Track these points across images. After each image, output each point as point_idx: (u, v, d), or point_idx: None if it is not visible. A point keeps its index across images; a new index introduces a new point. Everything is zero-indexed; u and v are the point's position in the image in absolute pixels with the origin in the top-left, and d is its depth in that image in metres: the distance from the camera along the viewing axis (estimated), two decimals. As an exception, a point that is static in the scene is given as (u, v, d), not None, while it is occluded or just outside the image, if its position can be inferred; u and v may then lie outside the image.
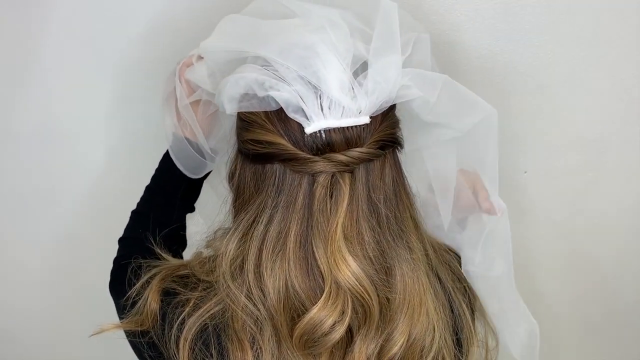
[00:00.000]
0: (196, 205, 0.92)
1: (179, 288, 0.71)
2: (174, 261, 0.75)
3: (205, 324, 0.69)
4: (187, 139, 0.82)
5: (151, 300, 0.70)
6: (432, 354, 0.70)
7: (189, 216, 0.90)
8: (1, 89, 1.02)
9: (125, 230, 0.89)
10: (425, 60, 0.72)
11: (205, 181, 0.92)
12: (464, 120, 0.74)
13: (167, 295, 0.71)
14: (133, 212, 0.90)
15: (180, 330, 0.68)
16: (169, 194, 0.87)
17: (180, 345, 0.68)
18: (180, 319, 0.69)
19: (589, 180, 1.09)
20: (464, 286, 0.78)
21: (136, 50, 0.99)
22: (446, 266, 0.77)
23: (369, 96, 0.65)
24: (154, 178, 0.90)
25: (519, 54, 0.96)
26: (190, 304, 0.69)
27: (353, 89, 0.65)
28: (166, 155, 0.87)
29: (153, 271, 0.73)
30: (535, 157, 1.08)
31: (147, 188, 0.90)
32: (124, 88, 1.02)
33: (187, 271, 0.72)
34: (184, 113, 0.80)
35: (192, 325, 0.68)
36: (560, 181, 1.09)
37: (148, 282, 0.72)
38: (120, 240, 0.88)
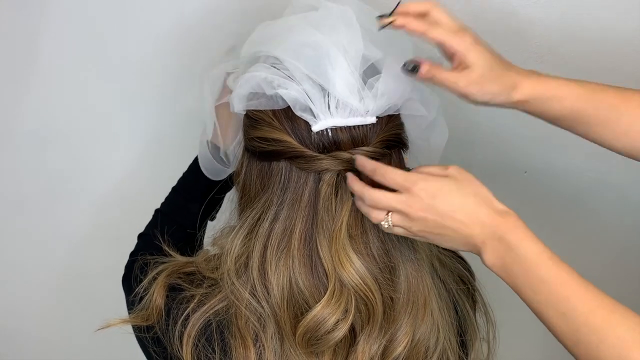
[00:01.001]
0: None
1: (185, 284, 0.71)
2: (181, 258, 0.75)
3: (209, 320, 0.69)
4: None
5: (157, 296, 0.70)
6: (436, 355, 0.70)
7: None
8: (2, 90, 1.02)
9: (147, 227, 0.89)
10: None
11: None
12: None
13: (173, 290, 0.71)
14: (156, 211, 0.90)
15: (184, 326, 0.69)
16: (193, 198, 0.87)
17: (184, 341, 0.68)
18: (184, 314, 0.69)
19: (588, 180, 1.09)
20: (468, 287, 0.78)
21: (137, 51, 0.99)
22: (449, 268, 0.78)
23: (378, 99, 0.66)
24: (180, 180, 0.90)
25: (519, 53, 0.96)
26: (195, 300, 0.69)
27: (361, 91, 0.65)
28: (195, 161, 0.87)
29: (160, 267, 0.73)
30: (535, 157, 1.08)
31: (173, 189, 0.90)
32: (127, 88, 1.02)
33: (193, 268, 0.73)
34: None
35: (195, 322, 0.68)
36: (560, 181, 1.10)
37: (155, 278, 0.72)
38: (140, 236, 0.88)
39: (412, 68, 0.65)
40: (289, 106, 0.66)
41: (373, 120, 0.66)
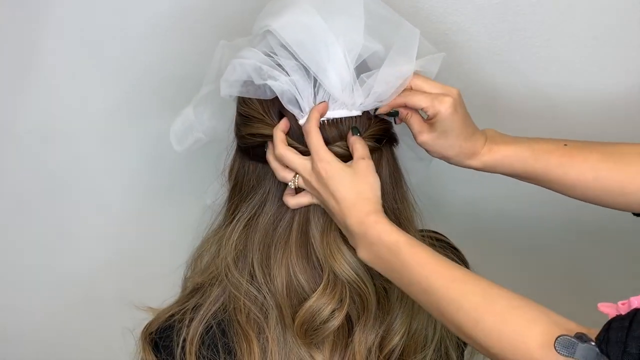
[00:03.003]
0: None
1: (169, 317, 0.71)
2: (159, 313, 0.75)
3: (209, 324, 0.69)
4: None
5: (145, 354, 0.71)
6: (434, 345, 0.72)
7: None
8: (2, 90, 1.02)
9: None
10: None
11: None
12: None
13: (163, 331, 0.71)
14: None
15: (185, 340, 0.69)
16: None
17: (187, 349, 0.68)
18: (184, 331, 0.69)
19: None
20: None
21: (137, 50, 0.99)
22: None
23: (370, 96, 0.66)
24: None
25: (519, 54, 0.96)
26: (189, 313, 0.70)
27: (352, 85, 0.66)
28: None
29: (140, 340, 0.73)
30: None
31: None
32: (127, 87, 1.02)
33: (169, 309, 0.73)
34: None
35: (195, 330, 0.69)
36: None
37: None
38: None
39: (392, 114, 0.70)
40: (279, 101, 0.66)
41: (358, 113, 0.67)
